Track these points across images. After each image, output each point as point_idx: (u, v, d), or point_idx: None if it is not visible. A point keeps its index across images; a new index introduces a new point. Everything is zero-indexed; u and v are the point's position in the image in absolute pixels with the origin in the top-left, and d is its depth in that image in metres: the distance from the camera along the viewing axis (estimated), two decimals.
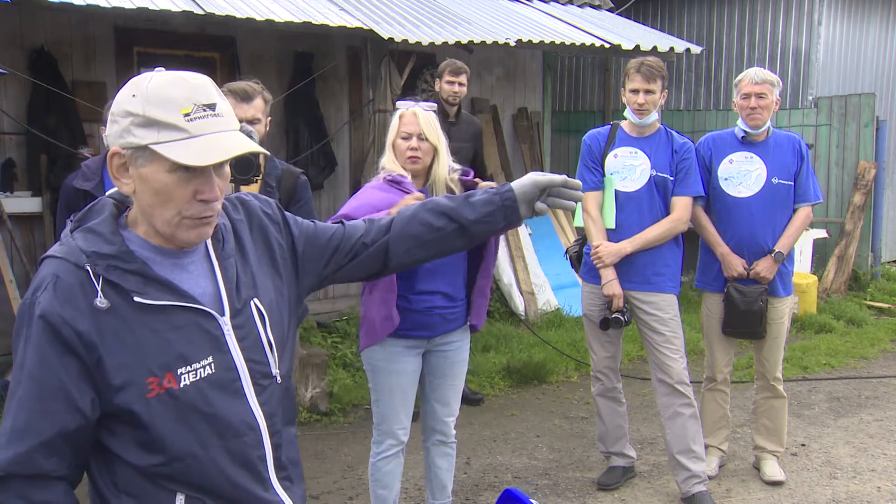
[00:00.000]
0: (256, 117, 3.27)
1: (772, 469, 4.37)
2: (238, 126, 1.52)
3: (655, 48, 7.47)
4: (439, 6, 7.22)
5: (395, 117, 3.24)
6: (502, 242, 7.41)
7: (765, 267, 4.14)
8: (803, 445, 4.88)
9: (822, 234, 8.37)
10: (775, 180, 4.16)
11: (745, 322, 4.18)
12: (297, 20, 5.57)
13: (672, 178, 3.99)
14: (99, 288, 1.44)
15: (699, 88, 9.94)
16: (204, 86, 1.47)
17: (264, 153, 3.15)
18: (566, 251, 4.39)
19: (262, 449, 1.59)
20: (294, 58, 7.21)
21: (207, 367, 1.51)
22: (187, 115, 1.42)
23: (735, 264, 4.16)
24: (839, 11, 9.12)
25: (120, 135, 1.44)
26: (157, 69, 1.50)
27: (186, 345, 1.49)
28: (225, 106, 1.49)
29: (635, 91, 3.92)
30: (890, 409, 5.53)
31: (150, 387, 1.46)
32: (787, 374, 5.22)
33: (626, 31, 8.24)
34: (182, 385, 1.48)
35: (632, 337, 5.95)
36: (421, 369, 3.34)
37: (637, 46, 7.34)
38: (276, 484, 1.63)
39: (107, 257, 1.46)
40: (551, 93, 9.08)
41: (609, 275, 3.96)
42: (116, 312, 1.45)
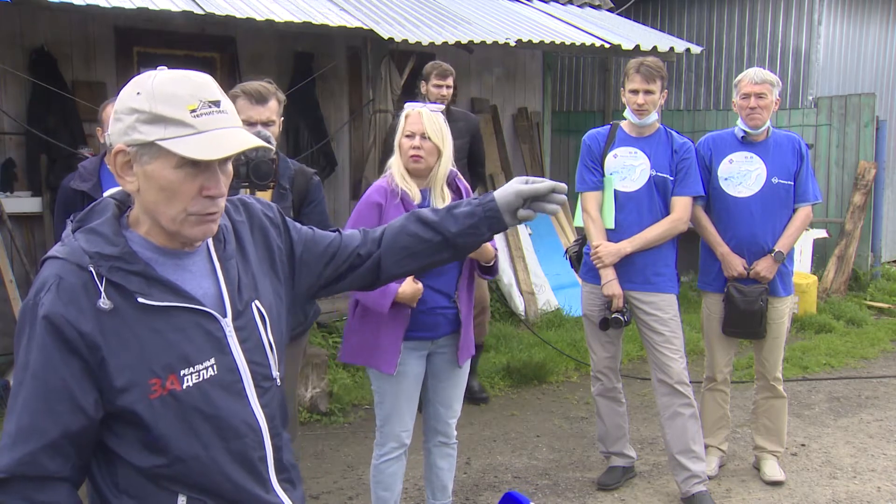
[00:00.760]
0: (271, 119, 3.17)
1: (772, 469, 4.37)
2: (240, 123, 1.53)
3: (655, 48, 7.47)
4: (439, 6, 7.22)
5: (402, 117, 3.24)
6: (502, 243, 7.41)
7: (765, 267, 4.14)
8: (803, 445, 4.88)
9: (822, 234, 8.37)
10: (775, 180, 4.16)
11: (745, 322, 4.18)
12: (297, 20, 5.57)
13: (672, 178, 3.99)
14: (102, 289, 1.44)
15: (699, 88, 9.94)
16: (207, 83, 1.48)
17: (276, 156, 3.14)
18: (566, 251, 4.40)
19: (263, 450, 1.60)
20: (294, 58, 7.21)
21: (210, 368, 1.51)
22: (194, 111, 1.42)
23: (735, 264, 4.16)
24: (839, 11, 9.12)
25: (124, 132, 1.44)
26: (159, 68, 1.50)
27: (189, 346, 1.49)
28: (228, 104, 1.50)
29: (635, 91, 3.93)
30: (890, 409, 5.53)
31: (153, 388, 1.46)
32: (787, 374, 5.22)
33: (626, 31, 8.24)
34: (185, 386, 1.48)
35: (632, 337, 5.95)
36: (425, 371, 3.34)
37: (637, 46, 7.34)
38: (276, 485, 1.63)
39: (110, 258, 1.46)
40: (551, 93, 9.08)
41: (609, 275, 3.96)
42: (119, 313, 1.45)
